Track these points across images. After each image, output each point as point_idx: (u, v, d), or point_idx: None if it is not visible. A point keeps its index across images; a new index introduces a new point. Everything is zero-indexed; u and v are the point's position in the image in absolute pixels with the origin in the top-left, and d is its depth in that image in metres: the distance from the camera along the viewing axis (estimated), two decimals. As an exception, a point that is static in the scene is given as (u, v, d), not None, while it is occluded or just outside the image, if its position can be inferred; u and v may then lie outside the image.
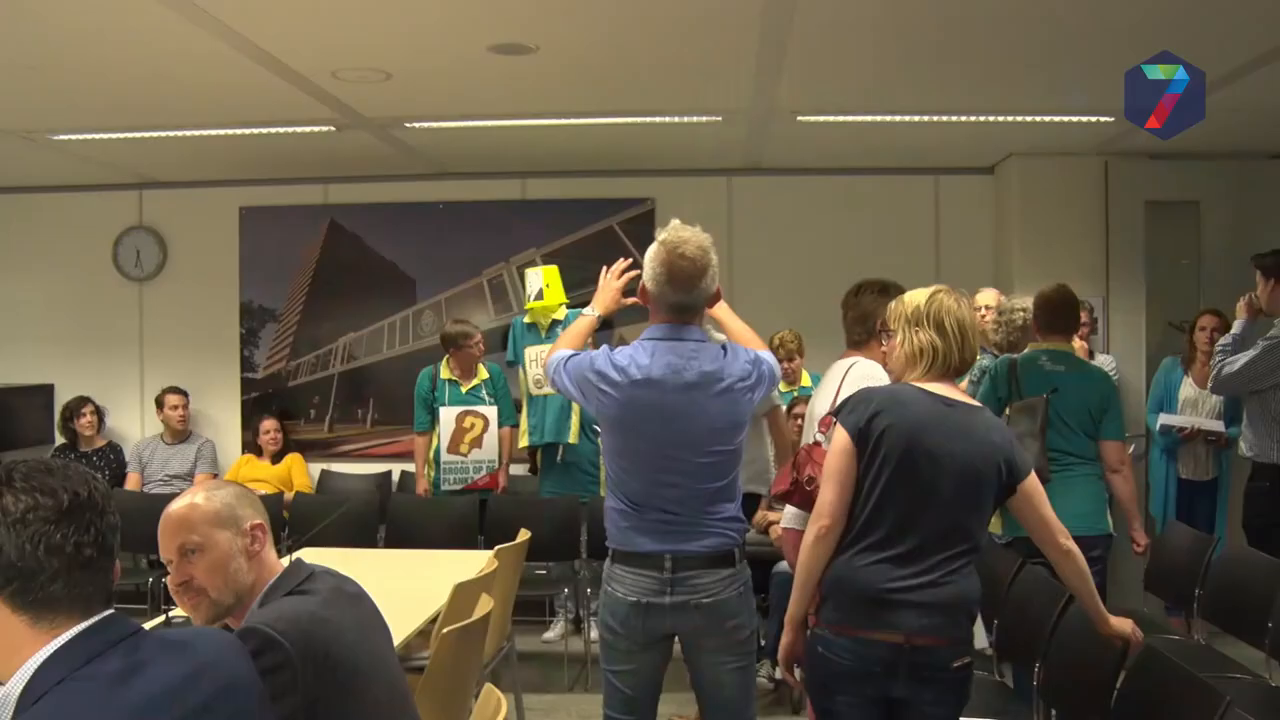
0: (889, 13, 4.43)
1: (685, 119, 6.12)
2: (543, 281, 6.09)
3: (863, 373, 3.68)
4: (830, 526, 2.94)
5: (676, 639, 3.33)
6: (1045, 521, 3.01)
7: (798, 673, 3.14)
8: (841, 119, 6.08)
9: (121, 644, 1.62)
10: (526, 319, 6.32)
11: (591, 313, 3.61)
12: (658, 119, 6.12)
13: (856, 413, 2.96)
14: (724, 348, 3.30)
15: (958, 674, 2.93)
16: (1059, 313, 4.90)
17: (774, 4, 4.25)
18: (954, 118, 6.06)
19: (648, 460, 3.25)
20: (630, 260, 3.62)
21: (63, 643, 1.58)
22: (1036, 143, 6.75)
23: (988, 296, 5.96)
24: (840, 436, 2.96)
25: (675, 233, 3.26)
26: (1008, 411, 4.74)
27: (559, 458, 6.28)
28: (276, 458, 7.54)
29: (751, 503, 4.85)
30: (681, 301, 3.25)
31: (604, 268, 3.73)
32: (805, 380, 6.50)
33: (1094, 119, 6.02)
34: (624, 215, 7.61)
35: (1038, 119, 6.10)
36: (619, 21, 4.54)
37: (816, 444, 3.49)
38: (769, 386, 3.36)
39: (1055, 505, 3.09)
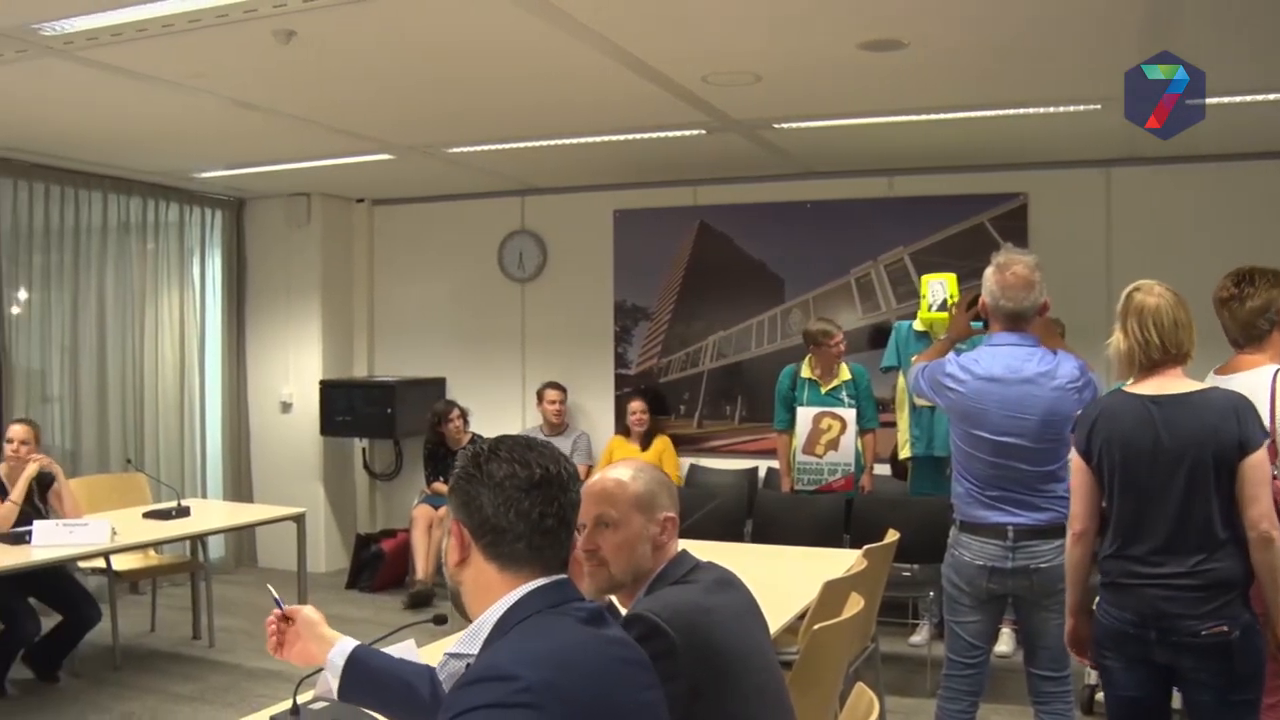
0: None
1: (1060, 109, 5.86)
2: (947, 292, 5.89)
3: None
4: (1082, 531, 3.28)
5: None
6: (1252, 500, 2.99)
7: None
8: (1236, 99, 5.60)
9: (576, 602, 1.84)
10: (918, 326, 6.20)
11: (947, 339, 4.35)
12: (1031, 110, 5.89)
13: (1079, 430, 3.25)
14: (1054, 352, 3.86)
15: (1213, 640, 2.99)
16: None
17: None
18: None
19: (990, 446, 3.83)
20: (976, 295, 4.10)
21: (536, 587, 1.82)
22: None
23: None
24: (1073, 452, 3.29)
25: (1007, 254, 3.88)
26: None
27: (947, 471, 6.13)
28: (645, 440, 7.79)
29: None
30: (1013, 310, 3.84)
31: (956, 305, 4.61)
32: None
33: None
34: (995, 211, 7.37)
35: None
36: (992, 8, 4.40)
37: None
38: (1094, 392, 3.81)
39: None
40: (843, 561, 4.67)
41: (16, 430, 5.85)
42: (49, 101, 5.69)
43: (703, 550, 2.58)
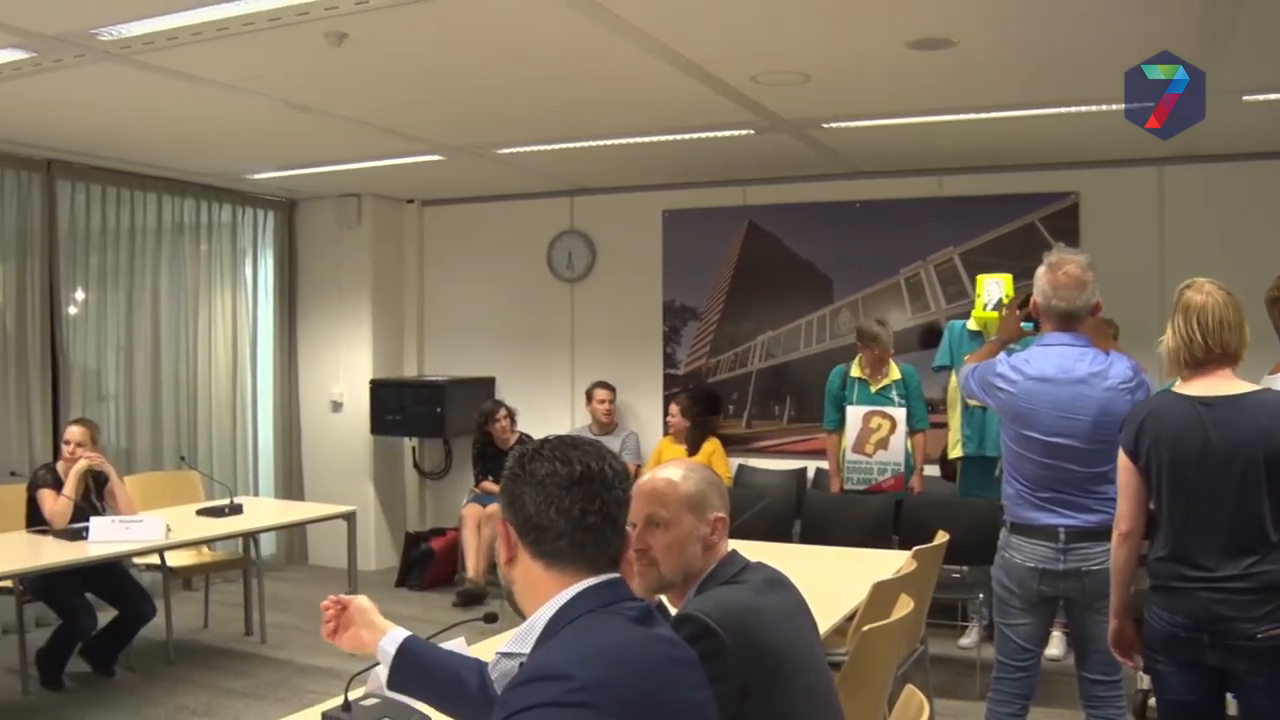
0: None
1: (1112, 106, 5.78)
2: (1002, 291, 5.76)
3: None
4: (1128, 531, 3.27)
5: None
6: None
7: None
8: (1295, 97, 5.54)
9: (627, 601, 1.84)
10: (972, 325, 6.11)
11: (997, 339, 4.28)
12: (1082, 108, 5.83)
13: (1127, 430, 3.24)
14: (1107, 353, 3.81)
15: (1269, 643, 2.96)
16: None
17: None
18: None
19: (1041, 447, 3.78)
20: (1027, 295, 4.03)
21: (587, 586, 1.82)
22: None
23: None
24: (1120, 452, 3.28)
25: (1059, 254, 3.83)
26: None
27: (996, 473, 6.07)
28: (694, 445, 7.77)
29: None
30: (1065, 310, 3.79)
31: (1007, 306, 4.59)
32: None
33: None
34: (1045, 210, 7.30)
35: None
36: (1042, 5, 4.35)
37: None
38: (1146, 393, 3.74)
39: None
40: (892, 563, 4.65)
41: (74, 431, 5.95)
42: (106, 105, 5.77)
43: (751, 550, 2.58)
